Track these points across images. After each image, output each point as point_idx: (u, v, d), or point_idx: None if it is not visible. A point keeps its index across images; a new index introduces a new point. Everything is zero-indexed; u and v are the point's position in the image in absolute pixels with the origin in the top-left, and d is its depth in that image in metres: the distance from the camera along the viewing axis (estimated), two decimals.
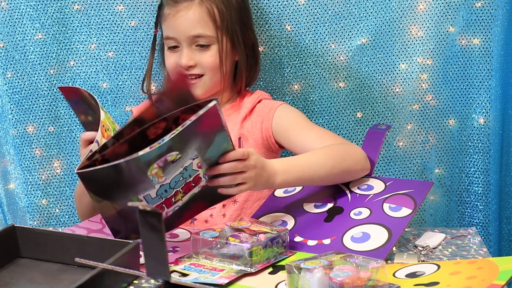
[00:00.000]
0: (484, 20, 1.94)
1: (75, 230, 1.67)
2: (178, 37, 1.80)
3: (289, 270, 1.35)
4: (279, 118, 1.81)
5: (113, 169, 1.40)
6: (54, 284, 1.46)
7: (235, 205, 1.81)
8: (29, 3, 1.96)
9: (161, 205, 1.49)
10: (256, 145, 1.81)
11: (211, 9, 1.78)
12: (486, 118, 1.98)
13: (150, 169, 1.41)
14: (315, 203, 1.68)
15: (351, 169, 1.68)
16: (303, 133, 1.77)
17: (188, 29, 1.78)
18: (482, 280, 1.31)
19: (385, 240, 1.52)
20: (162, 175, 1.43)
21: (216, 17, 1.79)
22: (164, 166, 1.42)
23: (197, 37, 1.79)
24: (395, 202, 1.62)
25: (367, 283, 1.31)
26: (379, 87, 1.98)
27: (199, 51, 1.80)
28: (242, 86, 1.88)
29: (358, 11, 1.95)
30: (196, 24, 1.78)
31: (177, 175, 1.45)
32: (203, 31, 1.78)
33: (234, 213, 1.80)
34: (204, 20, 1.78)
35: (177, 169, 1.44)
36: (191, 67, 1.80)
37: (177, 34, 1.80)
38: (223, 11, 1.80)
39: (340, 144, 1.71)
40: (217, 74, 1.81)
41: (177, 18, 1.79)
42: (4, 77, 1.99)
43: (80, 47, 2.00)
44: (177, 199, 1.50)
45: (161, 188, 1.45)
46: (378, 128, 1.79)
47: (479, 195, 2.02)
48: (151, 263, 1.35)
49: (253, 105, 1.85)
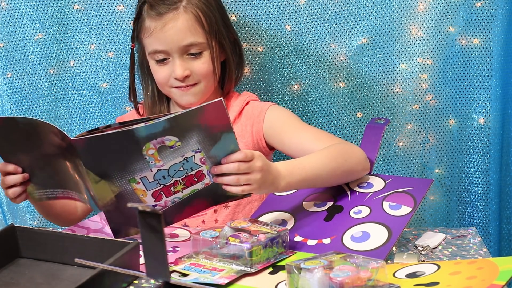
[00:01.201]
0: (484, 20, 1.94)
1: (75, 230, 1.67)
2: (169, 49, 1.75)
3: (289, 270, 1.35)
4: (270, 121, 1.80)
5: (108, 139, 1.40)
6: (54, 284, 1.46)
7: (226, 209, 1.80)
8: (29, 3, 1.96)
9: (159, 192, 1.49)
10: (246, 148, 1.80)
11: (197, 14, 1.75)
12: (486, 118, 1.98)
13: (145, 148, 1.42)
14: (315, 201, 1.68)
15: (353, 170, 1.68)
16: (298, 135, 1.75)
17: (180, 40, 1.75)
18: (482, 280, 1.31)
19: (385, 240, 1.52)
20: (159, 159, 1.44)
21: (203, 22, 1.76)
22: (161, 149, 1.42)
23: (189, 46, 1.76)
24: (395, 201, 1.61)
25: (367, 283, 1.31)
26: (379, 87, 1.98)
27: (191, 59, 1.77)
28: (231, 87, 1.87)
29: (358, 11, 1.95)
30: (187, 32, 1.75)
31: (177, 164, 1.45)
32: (194, 38, 1.75)
33: (227, 218, 1.79)
34: (194, 27, 1.75)
35: (176, 157, 1.45)
36: (186, 78, 1.77)
37: (167, 46, 1.75)
38: (207, 13, 1.77)
39: (340, 145, 1.71)
40: (211, 79, 1.79)
41: (166, 30, 1.74)
42: (4, 77, 1.99)
43: (80, 47, 2.00)
44: (177, 189, 1.50)
45: (159, 173, 1.46)
46: (377, 123, 1.79)
47: (479, 195, 2.02)
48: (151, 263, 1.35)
49: (241, 107, 1.83)
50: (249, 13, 1.96)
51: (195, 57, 1.77)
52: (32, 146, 1.53)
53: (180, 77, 1.76)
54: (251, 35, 1.97)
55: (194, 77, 1.78)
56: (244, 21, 1.96)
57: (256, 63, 1.98)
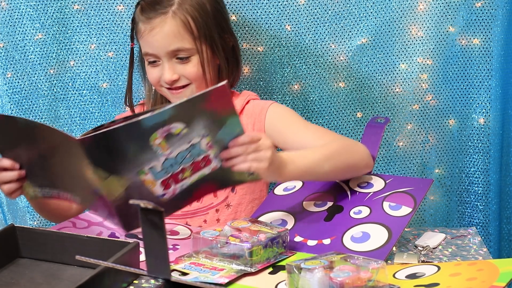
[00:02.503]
0: (484, 20, 1.94)
1: (75, 222, 1.67)
2: (157, 53, 1.76)
3: (289, 270, 1.35)
4: (271, 119, 1.79)
5: (114, 133, 1.40)
6: (54, 284, 1.46)
7: (228, 209, 1.80)
8: (29, 3, 1.96)
9: (168, 180, 1.49)
10: None
11: (186, 20, 1.74)
12: (486, 118, 1.98)
13: (152, 138, 1.41)
14: (315, 201, 1.68)
15: (356, 165, 1.68)
16: (301, 133, 1.75)
17: (166, 45, 1.75)
18: (482, 282, 1.31)
19: (385, 240, 1.52)
20: (167, 147, 1.43)
21: (193, 28, 1.75)
22: (167, 137, 1.42)
23: (177, 51, 1.75)
24: (395, 201, 1.61)
25: (367, 284, 1.31)
26: (379, 87, 1.98)
27: (180, 63, 1.76)
28: None
29: (358, 11, 1.95)
30: (173, 38, 1.74)
31: (184, 151, 1.45)
32: (181, 44, 1.75)
33: (228, 217, 1.79)
34: (180, 34, 1.74)
35: (183, 144, 1.44)
36: (175, 81, 1.77)
37: (155, 50, 1.76)
38: (198, 20, 1.76)
39: (344, 140, 1.71)
40: (203, 81, 1.79)
41: (153, 34, 1.75)
42: (4, 77, 1.99)
43: (80, 47, 2.00)
44: (185, 176, 1.49)
45: (167, 162, 1.45)
46: (377, 122, 1.79)
47: (479, 195, 2.02)
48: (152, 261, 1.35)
49: (241, 106, 1.82)
50: (249, 13, 1.96)
51: (184, 61, 1.77)
52: (31, 145, 1.53)
53: (168, 81, 1.77)
54: (251, 35, 1.97)
55: (184, 80, 1.78)
56: (244, 21, 1.96)
57: (256, 63, 1.98)
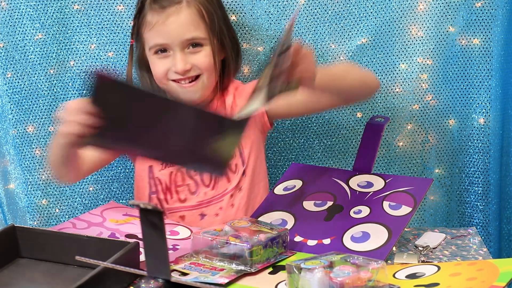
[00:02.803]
0: (484, 20, 1.94)
1: (75, 223, 1.67)
2: (171, 43, 1.76)
3: (289, 270, 1.35)
4: None
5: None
6: (54, 284, 1.46)
7: (241, 192, 1.80)
8: (29, 3, 1.96)
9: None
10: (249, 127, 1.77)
11: (199, 9, 1.77)
12: (486, 118, 1.98)
13: None
14: (314, 201, 1.68)
15: (369, 85, 1.74)
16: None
17: (182, 33, 1.75)
18: (482, 282, 1.31)
19: (385, 240, 1.52)
20: None
21: (206, 17, 1.77)
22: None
23: (191, 39, 1.76)
24: (395, 200, 1.61)
25: (367, 284, 1.31)
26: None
27: (192, 53, 1.77)
28: (228, 84, 1.87)
29: (358, 11, 1.95)
30: (189, 26, 1.76)
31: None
32: (196, 33, 1.76)
33: (242, 201, 1.80)
34: (196, 22, 1.76)
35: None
36: (187, 71, 1.77)
37: (169, 39, 1.76)
38: (210, 10, 1.78)
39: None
40: (213, 73, 1.80)
41: (168, 24, 1.75)
42: (4, 77, 1.99)
43: (80, 47, 2.00)
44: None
45: None
46: (377, 122, 1.79)
47: (479, 195, 2.02)
48: (152, 261, 1.35)
49: (233, 95, 1.84)
50: (249, 13, 1.96)
51: (196, 51, 1.77)
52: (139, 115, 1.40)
53: (181, 71, 1.76)
54: (251, 35, 1.97)
55: (195, 70, 1.78)
56: (244, 21, 1.96)
57: (256, 63, 1.98)
